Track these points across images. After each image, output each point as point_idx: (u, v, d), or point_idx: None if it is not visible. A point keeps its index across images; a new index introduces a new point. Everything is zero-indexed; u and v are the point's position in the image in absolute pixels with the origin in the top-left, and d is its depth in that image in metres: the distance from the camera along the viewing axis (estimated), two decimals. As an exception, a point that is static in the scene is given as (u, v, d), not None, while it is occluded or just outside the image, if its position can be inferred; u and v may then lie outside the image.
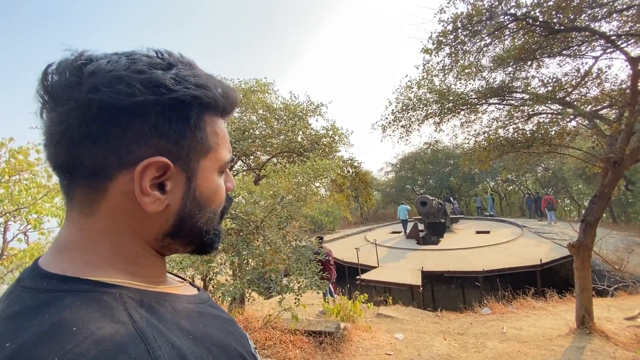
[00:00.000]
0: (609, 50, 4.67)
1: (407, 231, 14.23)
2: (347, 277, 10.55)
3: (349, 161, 7.82)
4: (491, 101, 5.66)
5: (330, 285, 6.85)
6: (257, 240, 3.69)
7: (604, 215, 15.63)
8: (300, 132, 7.07)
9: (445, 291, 9.95)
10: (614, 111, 5.33)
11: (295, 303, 3.53)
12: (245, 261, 3.62)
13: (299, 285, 3.56)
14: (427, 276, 9.00)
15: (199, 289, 0.54)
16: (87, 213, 0.40)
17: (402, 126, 6.45)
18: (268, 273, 3.42)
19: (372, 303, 6.69)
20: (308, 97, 7.69)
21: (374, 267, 9.90)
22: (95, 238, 0.40)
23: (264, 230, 3.69)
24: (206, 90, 0.42)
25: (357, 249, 10.00)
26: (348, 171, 7.89)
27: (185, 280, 0.55)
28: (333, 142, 7.12)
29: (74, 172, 0.39)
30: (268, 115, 7.27)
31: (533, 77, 5.47)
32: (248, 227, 3.81)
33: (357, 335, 4.99)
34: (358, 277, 9.22)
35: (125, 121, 0.37)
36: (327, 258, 6.39)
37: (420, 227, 13.59)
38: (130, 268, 0.41)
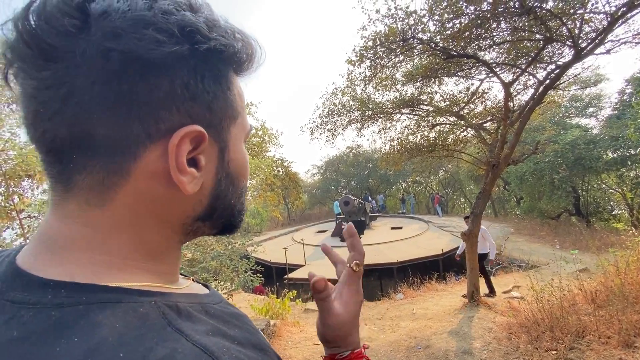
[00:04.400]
0: (490, 75, 5.79)
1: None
2: (274, 277, 10.62)
3: (280, 161, 7.95)
4: (403, 111, 6.46)
5: None
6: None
7: (489, 210, 18.89)
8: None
9: (366, 283, 10.79)
10: (494, 124, 6.61)
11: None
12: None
13: (230, 282, 3.56)
14: (350, 270, 9.64)
15: (208, 287, 0.46)
16: (95, 204, 0.31)
17: (329, 130, 6.88)
18: (198, 272, 3.35)
19: (300, 299, 6.93)
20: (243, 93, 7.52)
21: (301, 266, 10.19)
22: (109, 233, 0.32)
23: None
24: (238, 40, 0.35)
25: (285, 249, 10.17)
26: (279, 171, 8.02)
27: (188, 277, 0.48)
28: (263, 142, 7.17)
29: (79, 152, 0.29)
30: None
31: (436, 92, 6.44)
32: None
33: (287, 330, 5.15)
34: (286, 276, 9.38)
35: (153, 79, 0.29)
36: None
37: (344, 225, 14.47)
38: (151, 266, 0.34)
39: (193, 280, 0.46)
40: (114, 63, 0.28)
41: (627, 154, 10.82)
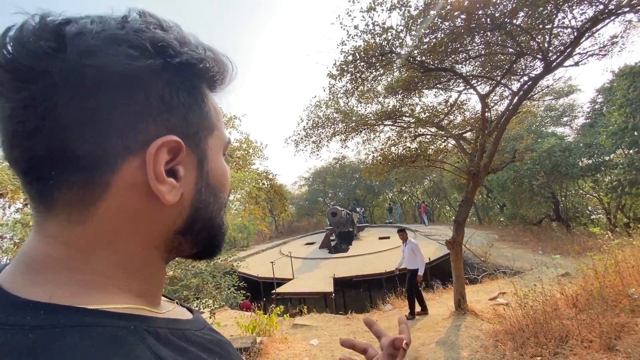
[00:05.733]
0: (467, 87, 5.99)
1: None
2: (262, 292, 10.42)
3: (264, 174, 7.92)
4: (386, 122, 6.58)
5: None
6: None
7: (473, 217, 19.21)
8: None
9: (355, 295, 10.71)
10: (474, 134, 6.79)
11: (210, 319, 3.41)
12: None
13: (212, 299, 3.47)
14: (338, 282, 9.57)
15: (191, 311, 0.46)
16: (76, 221, 0.31)
17: (313, 142, 6.92)
18: (179, 290, 3.25)
19: (287, 315, 6.78)
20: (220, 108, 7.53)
21: (289, 280, 10.04)
22: (90, 252, 0.31)
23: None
24: (209, 56, 0.36)
25: (272, 262, 10.02)
26: (263, 183, 7.98)
27: (172, 299, 0.47)
28: (247, 155, 7.14)
29: (58, 169, 0.29)
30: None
31: (417, 104, 6.60)
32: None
33: (274, 347, 5.02)
34: (273, 291, 9.22)
35: (130, 92, 0.30)
36: None
37: (332, 236, 14.42)
38: (134, 286, 0.34)
39: (177, 303, 0.46)
40: (90, 79, 0.28)
41: (601, 160, 11.30)
